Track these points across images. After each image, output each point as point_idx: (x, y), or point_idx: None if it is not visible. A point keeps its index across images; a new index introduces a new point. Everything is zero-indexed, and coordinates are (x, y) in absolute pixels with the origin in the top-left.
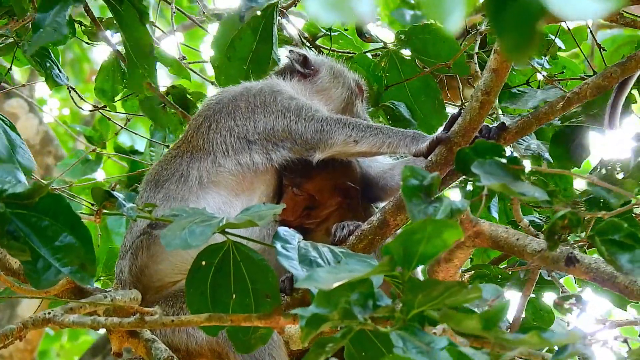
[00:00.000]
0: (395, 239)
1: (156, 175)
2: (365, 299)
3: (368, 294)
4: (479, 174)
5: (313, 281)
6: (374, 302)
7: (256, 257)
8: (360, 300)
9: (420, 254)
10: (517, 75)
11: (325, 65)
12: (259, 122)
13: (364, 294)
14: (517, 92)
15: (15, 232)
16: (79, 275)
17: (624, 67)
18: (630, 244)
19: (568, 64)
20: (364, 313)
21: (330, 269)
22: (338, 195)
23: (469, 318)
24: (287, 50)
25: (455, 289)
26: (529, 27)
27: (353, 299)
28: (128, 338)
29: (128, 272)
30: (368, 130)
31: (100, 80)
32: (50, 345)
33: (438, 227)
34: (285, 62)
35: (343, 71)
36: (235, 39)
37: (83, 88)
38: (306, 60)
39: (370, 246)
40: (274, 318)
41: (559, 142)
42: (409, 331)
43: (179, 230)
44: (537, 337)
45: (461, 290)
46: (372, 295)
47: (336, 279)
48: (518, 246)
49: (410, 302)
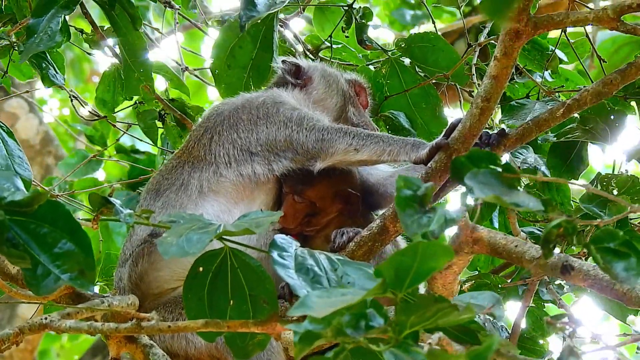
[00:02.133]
0: (387, 261)
1: (157, 185)
2: (357, 321)
3: (360, 315)
4: (472, 186)
5: (305, 307)
6: (367, 322)
7: (253, 264)
8: (352, 322)
9: (411, 276)
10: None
11: (318, 72)
12: (261, 133)
13: (356, 315)
14: (516, 105)
15: (14, 239)
16: (79, 282)
17: (624, 74)
18: (625, 252)
19: (571, 76)
20: (356, 334)
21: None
22: (339, 202)
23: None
24: (280, 61)
25: (448, 310)
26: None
27: (345, 320)
28: (126, 343)
29: (127, 279)
30: (369, 139)
31: (101, 91)
32: (50, 345)
33: (429, 249)
34: (279, 73)
35: (336, 77)
36: (235, 47)
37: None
38: (299, 70)
39: (369, 253)
40: (271, 324)
41: (556, 154)
42: (402, 349)
43: (176, 238)
44: None
45: (454, 310)
46: (365, 316)
47: (328, 304)
48: (516, 253)
49: (403, 323)
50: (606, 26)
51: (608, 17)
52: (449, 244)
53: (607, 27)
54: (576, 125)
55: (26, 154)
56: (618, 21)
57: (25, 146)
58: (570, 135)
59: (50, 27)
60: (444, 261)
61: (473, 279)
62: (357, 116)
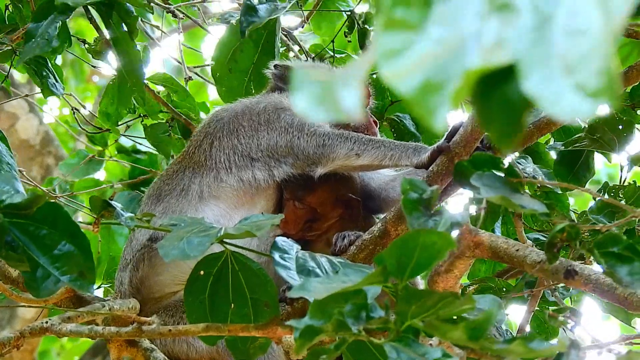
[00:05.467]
0: (388, 248)
1: (158, 190)
2: (358, 311)
3: (361, 306)
4: (478, 187)
5: (305, 291)
6: (367, 313)
7: (255, 267)
8: (353, 311)
9: (413, 264)
10: None
11: None
12: (262, 139)
13: (357, 306)
14: None
15: (13, 242)
16: (79, 283)
17: (626, 76)
18: (629, 257)
19: None
20: (357, 325)
21: (323, 279)
22: (339, 207)
23: (454, 328)
24: (272, 65)
25: (449, 300)
26: (514, 119)
27: (346, 310)
28: (127, 347)
29: (128, 283)
30: (370, 144)
31: (104, 104)
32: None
33: (431, 237)
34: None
35: None
36: (237, 51)
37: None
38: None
39: (371, 256)
40: (272, 328)
41: (563, 163)
42: (403, 342)
43: (176, 241)
44: (522, 347)
45: (455, 301)
46: (366, 307)
47: (328, 289)
48: (518, 257)
49: (403, 313)
50: None
51: None
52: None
53: None
54: (584, 135)
55: (26, 154)
56: None
57: (25, 146)
58: (578, 145)
59: (47, 32)
60: (445, 249)
61: (477, 283)
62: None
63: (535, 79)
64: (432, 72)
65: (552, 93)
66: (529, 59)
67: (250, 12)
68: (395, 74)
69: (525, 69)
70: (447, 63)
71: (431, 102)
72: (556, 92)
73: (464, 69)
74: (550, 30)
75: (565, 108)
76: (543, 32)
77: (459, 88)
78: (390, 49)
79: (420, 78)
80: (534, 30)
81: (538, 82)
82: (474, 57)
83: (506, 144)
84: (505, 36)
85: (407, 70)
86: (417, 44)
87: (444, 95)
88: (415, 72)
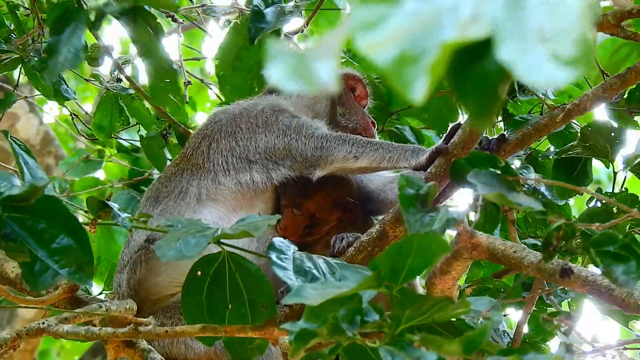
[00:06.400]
0: (383, 254)
1: (156, 192)
2: (353, 315)
3: (356, 310)
4: (475, 184)
5: (300, 297)
6: (362, 317)
7: (252, 268)
8: (347, 316)
9: (407, 268)
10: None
11: None
12: (260, 141)
13: (352, 310)
14: (520, 120)
15: (11, 235)
16: (77, 276)
17: (624, 78)
18: (625, 256)
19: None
20: (352, 329)
21: (317, 284)
22: (337, 211)
23: (449, 342)
24: None
25: (444, 304)
26: (490, 92)
27: (341, 314)
28: (124, 348)
29: (126, 285)
30: (368, 146)
31: (98, 117)
32: (50, 345)
33: (425, 242)
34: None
35: None
36: (242, 49)
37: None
38: None
39: (369, 258)
40: (268, 329)
41: (560, 170)
42: (398, 346)
43: (173, 241)
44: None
45: (450, 305)
46: (361, 311)
47: (323, 294)
48: (515, 258)
49: (398, 317)
50: (607, 32)
51: (608, 23)
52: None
53: (608, 33)
54: (577, 143)
55: None
56: (618, 27)
57: None
58: (571, 153)
59: (72, 44)
60: (439, 253)
61: (474, 284)
62: (347, 115)
63: (511, 49)
64: (408, 44)
65: (528, 62)
66: (505, 30)
67: (259, 18)
68: (371, 46)
69: (500, 40)
70: (423, 36)
71: (407, 75)
72: (532, 61)
73: (440, 42)
74: (526, 3)
75: (540, 76)
76: (519, 4)
77: (436, 61)
78: (366, 21)
79: (396, 50)
80: (509, 4)
81: (514, 52)
82: (450, 30)
83: (482, 116)
84: (481, 10)
85: (382, 42)
86: (392, 17)
87: (420, 68)
88: (391, 45)
